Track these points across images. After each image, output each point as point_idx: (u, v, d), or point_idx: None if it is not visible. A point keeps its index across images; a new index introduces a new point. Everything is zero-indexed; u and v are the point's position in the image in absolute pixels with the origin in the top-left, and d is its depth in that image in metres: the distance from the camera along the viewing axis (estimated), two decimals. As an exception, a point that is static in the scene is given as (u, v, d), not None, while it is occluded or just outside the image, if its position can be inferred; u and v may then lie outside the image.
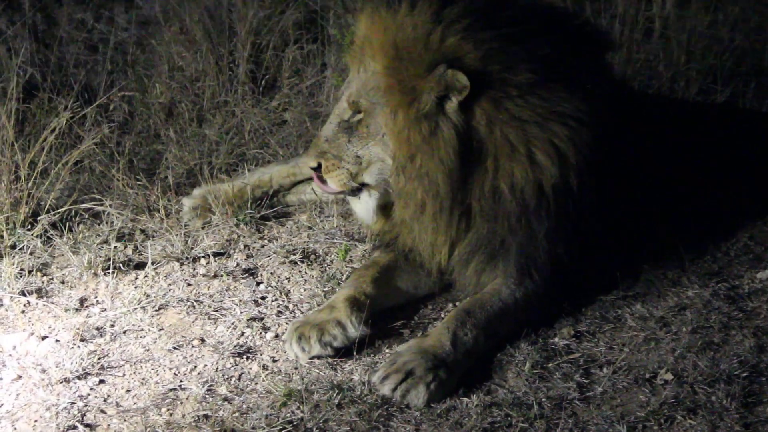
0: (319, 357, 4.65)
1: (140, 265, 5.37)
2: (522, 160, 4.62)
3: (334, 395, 4.40)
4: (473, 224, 4.75)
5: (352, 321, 4.69)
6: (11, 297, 5.12)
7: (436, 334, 4.62)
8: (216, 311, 5.02)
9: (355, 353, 4.69)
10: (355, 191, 4.87)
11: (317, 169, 4.82)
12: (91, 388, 4.56)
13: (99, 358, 4.73)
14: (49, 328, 4.95)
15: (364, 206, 4.91)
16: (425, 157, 4.61)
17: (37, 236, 5.51)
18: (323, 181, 4.86)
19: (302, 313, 4.99)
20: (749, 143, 5.97)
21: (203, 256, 5.41)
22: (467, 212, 4.73)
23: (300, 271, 5.31)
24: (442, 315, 4.95)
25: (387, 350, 4.73)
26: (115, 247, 5.46)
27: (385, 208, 4.90)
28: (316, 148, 4.84)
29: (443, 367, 4.47)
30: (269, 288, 5.19)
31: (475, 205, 4.71)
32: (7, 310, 5.07)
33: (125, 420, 4.37)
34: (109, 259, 5.32)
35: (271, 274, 5.30)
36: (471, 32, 4.52)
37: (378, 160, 4.75)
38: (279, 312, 5.02)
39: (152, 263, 5.33)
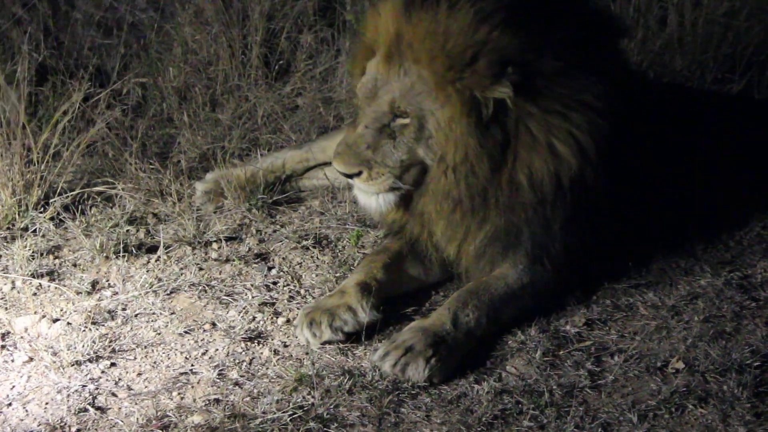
0: (330, 342, 4.65)
1: (152, 249, 5.37)
2: (542, 152, 4.60)
3: (345, 381, 4.40)
4: (489, 216, 4.73)
5: (362, 306, 4.69)
6: (23, 279, 5.13)
7: (437, 314, 4.64)
8: (228, 296, 5.02)
9: (364, 339, 4.69)
10: (392, 191, 4.78)
11: (356, 175, 4.70)
12: (103, 371, 4.57)
13: (110, 342, 4.74)
14: (61, 311, 4.96)
15: (382, 201, 4.81)
16: (476, 157, 4.57)
17: (49, 219, 5.52)
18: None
19: (314, 298, 4.99)
20: (763, 132, 5.94)
21: (215, 241, 5.41)
22: (485, 204, 4.71)
23: (312, 257, 5.31)
24: (454, 302, 4.95)
25: (398, 336, 4.73)
26: (127, 230, 5.47)
27: (402, 200, 4.85)
28: (356, 156, 4.66)
29: (443, 344, 4.49)
30: (281, 273, 5.19)
31: (493, 198, 4.68)
32: (18, 292, 5.08)
33: (136, 403, 4.38)
34: (121, 243, 5.32)
35: (283, 259, 5.30)
36: (509, 25, 4.47)
37: (419, 163, 4.68)
38: (290, 297, 5.02)
39: (164, 247, 5.34)
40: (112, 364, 4.62)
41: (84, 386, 4.47)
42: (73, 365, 4.58)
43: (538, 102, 4.55)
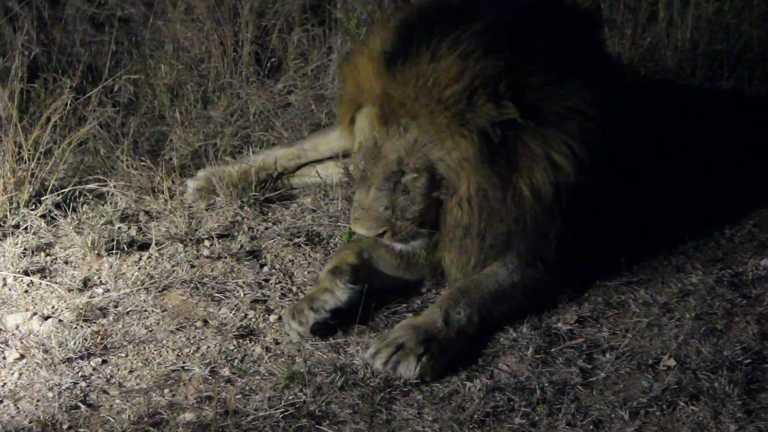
0: (318, 324, 4.67)
1: (144, 246, 5.36)
2: (542, 164, 4.60)
3: (337, 378, 4.40)
4: (493, 230, 4.72)
5: (337, 284, 4.73)
6: (14, 277, 5.13)
7: (429, 312, 4.65)
8: (219, 293, 5.02)
9: (357, 324, 4.72)
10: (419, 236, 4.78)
11: (380, 236, 4.71)
12: (94, 369, 4.57)
13: (102, 339, 4.73)
14: (52, 308, 4.95)
15: (413, 245, 4.80)
16: (489, 184, 4.59)
17: (40, 216, 5.51)
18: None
19: (305, 295, 4.98)
20: (754, 130, 5.97)
21: (207, 238, 5.41)
22: (492, 222, 4.72)
23: (304, 254, 5.30)
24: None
25: (391, 335, 4.74)
26: (119, 227, 5.46)
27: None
28: (376, 219, 4.65)
29: (434, 342, 4.50)
30: (273, 270, 5.19)
31: (498, 214, 4.68)
32: (10, 289, 5.08)
33: (128, 400, 4.37)
34: (112, 240, 5.32)
35: (275, 256, 5.29)
36: (492, 53, 4.48)
37: (436, 203, 4.69)
38: (282, 294, 5.02)
39: (156, 244, 5.33)
40: (104, 362, 4.61)
41: (75, 383, 4.47)
42: (64, 362, 4.57)
43: (531, 116, 4.55)
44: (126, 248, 5.32)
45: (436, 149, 4.56)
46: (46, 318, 4.85)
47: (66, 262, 5.28)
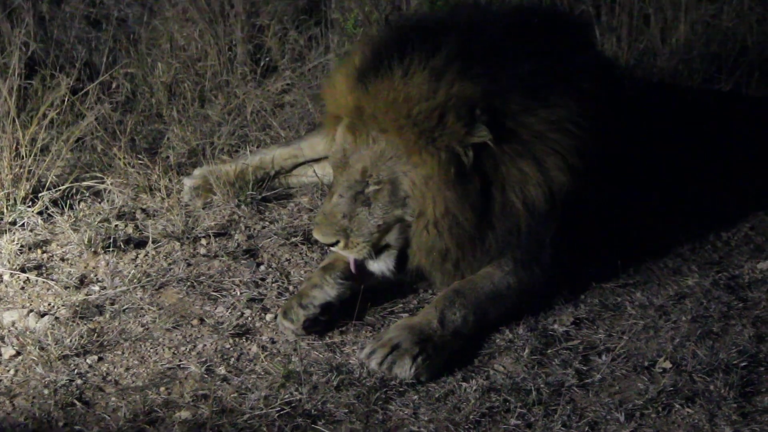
0: (309, 320, 4.68)
1: (140, 244, 5.36)
2: (534, 178, 4.61)
3: (333, 377, 4.40)
4: (483, 244, 4.73)
5: (326, 279, 4.75)
6: (11, 273, 5.13)
7: (424, 313, 4.65)
8: (216, 291, 5.02)
9: (354, 320, 4.75)
10: (377, 254, 4.77)
11: (334, 244, 4.73)
12: (90, 366, 4.56)
13: (98, 336, 4.73)
14: (49, 305, 4.95)
15: (383, 265, 4.79)
16: (458, 207, 4.59)
17: (37, 213, 5.51)
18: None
19: (302, 294, 5.00)
20: (751, 133, 5.97)
21: (204, 236, 5.41)
22: (478, 245, 4.74)
23: (300, 253, 5.31)
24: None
25: (387, 334, 4.74)
26: (116, 225, 5.46)
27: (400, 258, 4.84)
28: (332, 226, 4.68)
29: (430, 342, 4.50)
30: (269, 269, 5.19)
31: (487, 228, 4.70)
32: (6, 286, 5.08)
33: (124, 398, 4.37)
34: (109, 238, 5.32)
35: (272, 255, 5.30)
36: (466, 75, 4.50)
37: (398, 221, 4.69)
38: (279, 293, 5.02)
39: (153, 242, 5.33)
40: (100, 359, 4.61)
41: (71, 381, 4.46)
42: (60, 359, 4.57)
43: (514, 140, 4.58)
44: (123, 246, 5.32)
45: (401, 163, 4.58)
46: (43, 315, 4.85)
47: (62, 260, 5.28)
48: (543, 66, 4.66)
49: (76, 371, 4.53)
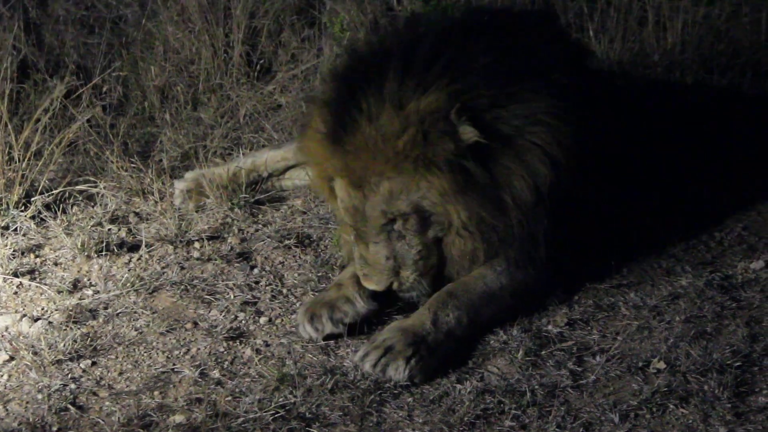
0: (331, 336, 4.69)
1: (134, 248, 5.36)
2: (517, 172, 4.61)
3: (327, 380, 4.40)
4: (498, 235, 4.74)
5: (360, 295, 4.74)
6: (4, 278, 5.12)
7: (417, 315, 4.65)
8: (209, 295, 5.01)
9: (357, 331, 4.73)
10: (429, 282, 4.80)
11: (390, 287, 4.74)
12: (84, 371, 4.56)
13: (92, 341, 4.72)
14: (42, 309, 4.94)
15: (425, 285, 4.81)
16: (479, 206, 4.61)
17: (30, 217, 5.50)
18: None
19: (296, 297, 4.99)
20: (744, 132, 5.98)
21: (197, 240, 5.40)
22: (491, 237, 4.74)
23: (294, 256, 5.30)
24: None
25: (381, 336, 4.74)
26: (109, 229, 5.46)
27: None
28: (382, 272, 4.70)
29: (424, 344, 4.50)
30: (263, 272, 5.19)
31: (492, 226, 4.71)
32: (-1, 291, 5.08)
33: (117, 402, 4.36)
34: (102, 242, 5.31)
35: (265, 258, 5.29)
36: (428, 91, 4.51)
37: (436, 240, 4.71)
38: (273, 296, 5.01)
39: (146, 246, 5.33)
40: (94, 363, 4.60)
41: (65, 385, 4.46)
42: (54, 364, 4.56)
43: (493, 137, 4.57)
44: (116, 250, 5.32)
45: (413, 192, 4.59)
46: (36, 320, 4.84)
47: (56, 264, 5.27)
48: (508, 61, 4.66)
49: (69, 376, 4.52)
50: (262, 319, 4.85)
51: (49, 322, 4.83)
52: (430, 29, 4.80)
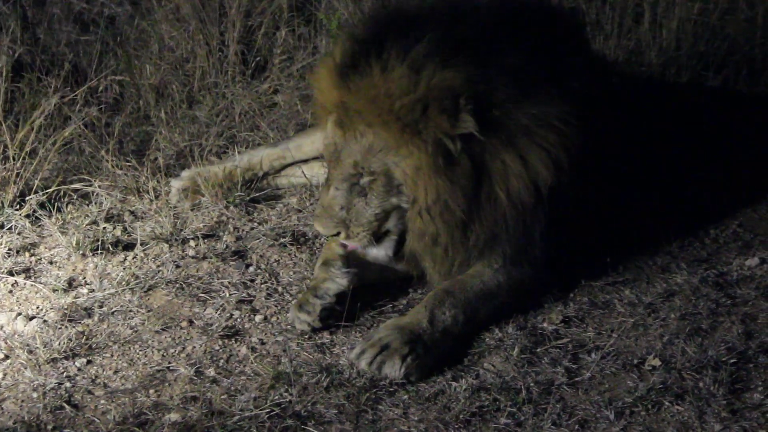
0: (326, 310, 4.71)
1: (129, 246, 5.35)
2: (516, 170, 4.61)
3: (323, 378, 4.40)
4: (471, 233, 4.73)
5: (332, 272, 4.80)
6: (-1, 277, 5.13)
7: (414, 312, 4.66)
8: (205, 293, 5.01)
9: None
10: (378, 240, 4.80)
11: (336, 235, 4.78)
12: (79, 369, 4.55)
13: (87, 339, 4.72)
14: (37, 308, 4.94)
15: (383, 251, 4.84)
16: (448, 194, 4.59)
17: (25, 216, 5.49)
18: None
19: (291, 296, 4.99)
20: (739, 130, 5.98)
21: (192, 238, 5.40)
22: (467, 232, 4.73)
23: (289, 254, 5.30)
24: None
25: (376, 334, 4.74)
26: (104, 227, 5.45)
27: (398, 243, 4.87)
28: (332, 218, 4.73)
29: (420, 342, 4.50)
30: (258, 270, 5.18)
31: (476, 219, 4.69)
32: (-6, 290, 5.08)
33: (113, 401, 4.36)
34: (97, 240, 5.31)
35: (261, 256, 5.29)
36: (447, 65, 4.49)
37: (396, 208, 4.71)
38: (268, 294, 5.01)
39: (141, 244, 5.32)
40: (89, 362, 4.60)
41: (60, 384, 4.45)
42: (49, 363, 4.56)
43: (498, 129, 4.57)
44: (111, 248, 5.31)
45: (390, 155, 4.59)
46: (31, 318, 4.84)
47: (51, 263, 5.27)
48: (533, 61, 4.65)
49: (64, 374, 4.51)
50: (258, 318, 4.85)
51: (44, 321, 4.83)
52: (470, 13, 4.77)
